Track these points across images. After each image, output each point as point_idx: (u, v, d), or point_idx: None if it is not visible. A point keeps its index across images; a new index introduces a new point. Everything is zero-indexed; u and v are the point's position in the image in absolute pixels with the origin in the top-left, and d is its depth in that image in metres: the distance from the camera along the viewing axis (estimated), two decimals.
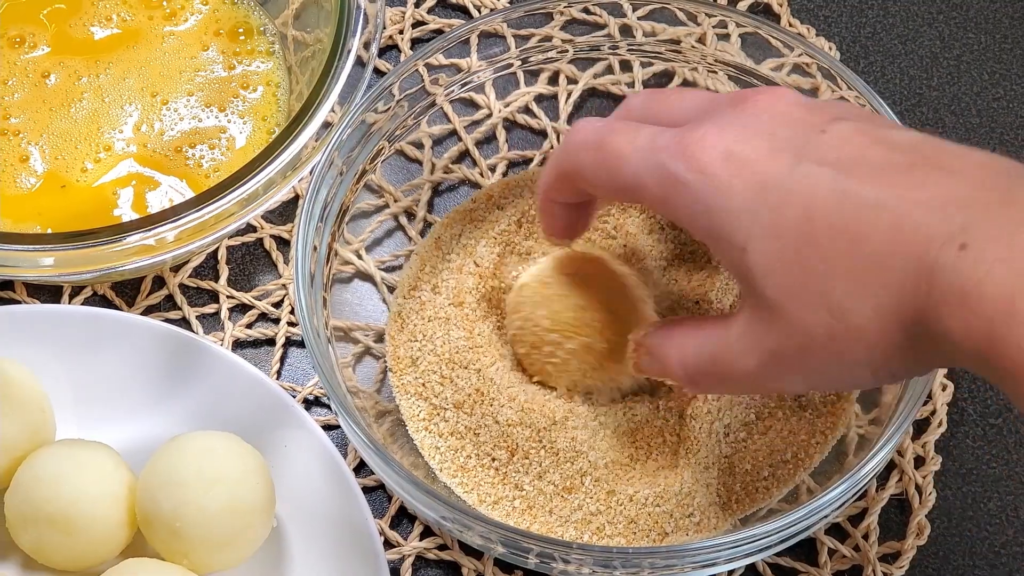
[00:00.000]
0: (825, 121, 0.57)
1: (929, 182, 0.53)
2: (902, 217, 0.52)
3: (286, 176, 0.70)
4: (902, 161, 0.54)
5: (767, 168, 0.56)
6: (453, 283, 0.72)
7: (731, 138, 0.57)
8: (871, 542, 0.70)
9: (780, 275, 0.55)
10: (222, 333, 0.75)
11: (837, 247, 0.53)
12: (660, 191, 0.58)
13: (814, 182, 0.54)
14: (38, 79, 0.78)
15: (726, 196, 0.56)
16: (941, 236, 0.51)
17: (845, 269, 0.53)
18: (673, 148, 0.58)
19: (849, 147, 0.55)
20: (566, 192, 0.65)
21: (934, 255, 0.51)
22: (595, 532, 0.67)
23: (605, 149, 0.61)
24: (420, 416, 0.70)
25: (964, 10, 0.85)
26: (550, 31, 0.77)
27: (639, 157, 0.59)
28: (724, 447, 0.68)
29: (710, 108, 0.60)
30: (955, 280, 0.50)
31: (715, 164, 0.56)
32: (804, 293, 0.54)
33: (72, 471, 0.65)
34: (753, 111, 0.58)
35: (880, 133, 0.56)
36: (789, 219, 0.54)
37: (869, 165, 0.54)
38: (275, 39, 0.80)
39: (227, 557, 0.65)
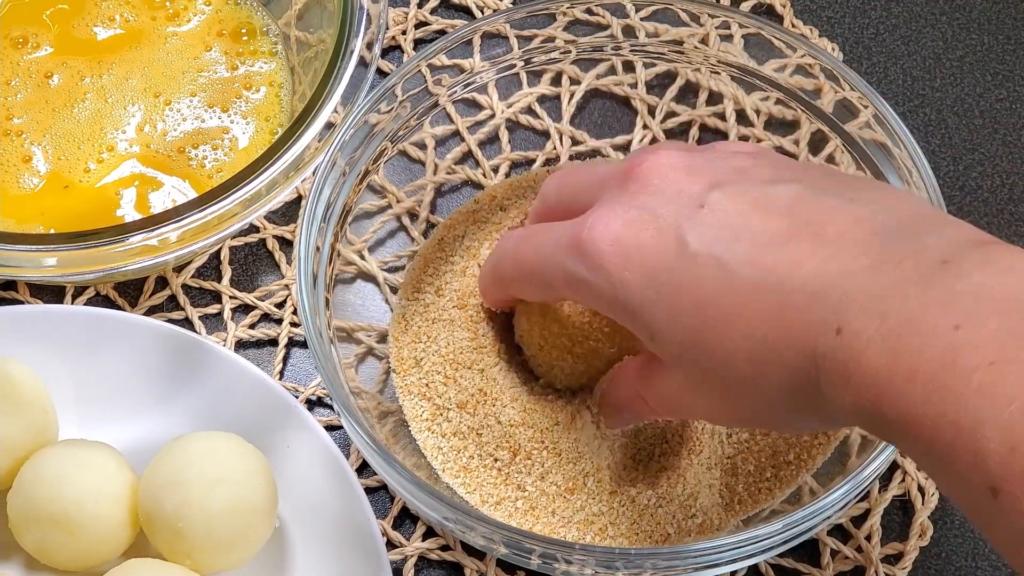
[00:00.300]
0: (702, 191, 0.58)
1: (805, 257, 0.54)
2: (783, 304, 0.54)
3: (289, 177, 0.70)
4: (780, 231, 0.56)
5: (655, 255, 0.58)
6: (456, 285, 0.72)
7: (617, 225, 0.59)
8: (873, 543, 0.70)
9: (687, 362, 0.58)
10: (225, 333, 0.75)
11: (732, 334, 0.55)
12: (570, 291, 0.62)
13: (700, 270, 0.57)
14: (41, 79, 0.78)
15: (624, 288, 0.59)
16: (818, 323, 0.52)
17: (743, 353, 0.55)
18: (570, 247, 0.61)
19: (727, 221, 0.57)
20: (501, 299, 0.70)
21: (815, 342, 0.53)
22: (598, 533, 0.66)
23: (520, 260, 0.65)
24: (423, 416, 0.70)
25: (967, 11, 0.85)
26: (553, 32, 0.77)
27: (547, 263, 0.63)
28: (727, 448, 0.68)
29: (602, 186, 0.63)
30: (835, 365, 0.52)
31: (607, 258, 0.59)
32: (714, 373, 0.57)
33: (75, 471, 0.65)
34: (635, 189, 0.60)
35: (758, 194, 0.57)
36: (684, 309, 0.57)
37: (748, 242, 0.56)
38: (278, 40, 0.80)
39: (229, 557, 0.65)
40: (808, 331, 0.53)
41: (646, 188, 0.60)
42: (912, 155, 0.69)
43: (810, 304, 0.53)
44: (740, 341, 0.55)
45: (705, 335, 0.56)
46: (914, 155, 0.68)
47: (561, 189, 0.67)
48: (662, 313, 0.58)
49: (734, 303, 0.55)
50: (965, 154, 0.80)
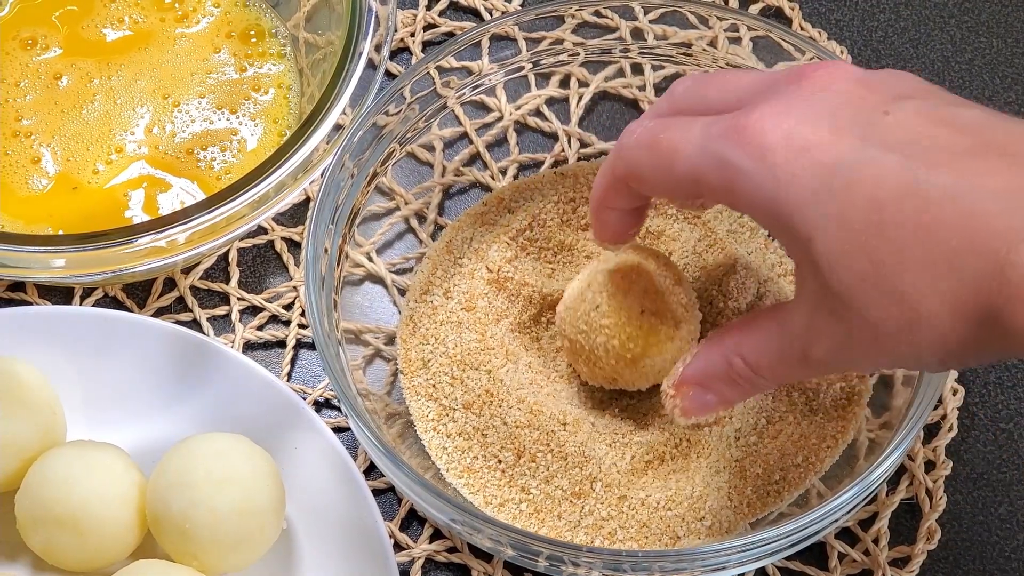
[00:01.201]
0: (887, 100, 0.55)
1: (1000, 170, 0.51)
2: (973, 209, 0.50)
3: (297, 178, 0.70)
4: (970, 145, 0.52)
5: (831, 152, 0.53)
6: (465, 287, 0.72)
7: (790, 120, 0.54)
8: (881, 546, 0.70)
9: (848, 267, 0.53)
10: (233, 335, 0.75)
11: (908, 239, 0.51)
12: (720, 182, 0.56)
13: (881, 169, 0.52)
14: (50, 81, 0.78)
15: (788, 183, 0.54)
16: (1012, 231, 0.49)
17: (916, 262, 0.51)
18: (729, 135, 0.55)
19: (914, 129, 0.53)
20: (622, 197, 0.63)
21: (1005, 251, 0.49)
22: (607, 537, 0.66)
23: (659, 146, 0.58)
24: (429, 417, 0.70)
25: (976, 14, 0.84)
26: (561, 34, 0.77)
27: (695, 149, 0.57)
28: (735, 451, 0.68)
29: (764, 88, 0.58)
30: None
31: (775, 149, 0.54)
32: (873, 286, 0.53)
33: (82, 472, 0.65)
34: (811, 89, 0.56)
35: (944, 112, 0.54)
36: (856, 208, 0.52)
37: (937, 149, 0.52)
38: (287, 41, 0.80)
39: (237, 559, 0.65)
40: (998, 239, 0.50)
41: (824, 91, 0.55)
42: None
43: (1004, 213, 0.50)
44: (918, 246, 0.51)
45: (876, 238, 0.52)
46: None
47: (696, 88, 0.61)
48: (830, 210, 0.53)
49: (916, 205, 0.51)
50: None
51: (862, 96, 0.55)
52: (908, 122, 0.53)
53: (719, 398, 0.61)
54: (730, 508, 0.67)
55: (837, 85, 0.56)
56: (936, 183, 0.51)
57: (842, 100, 0.55)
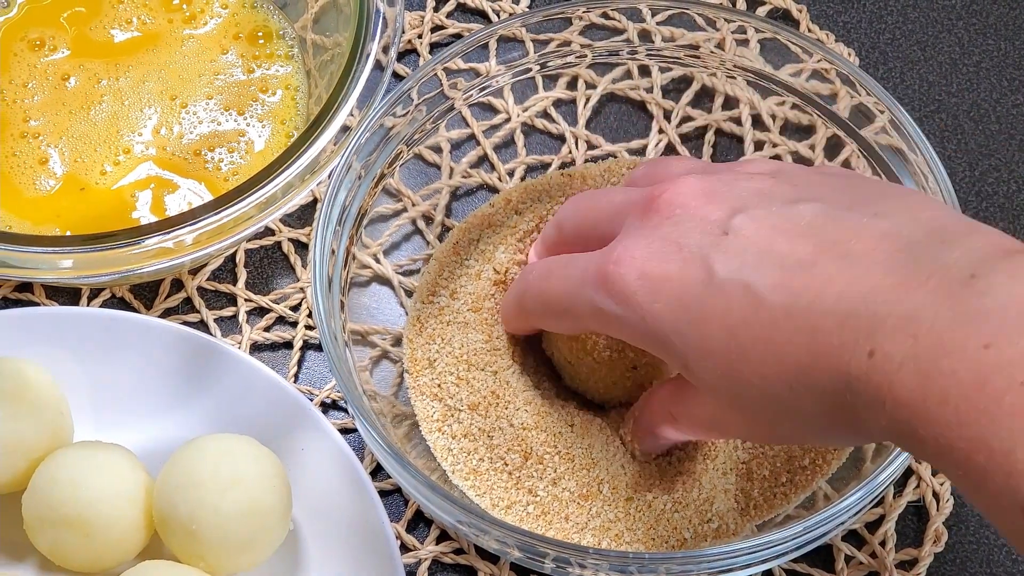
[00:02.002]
0: (725, 217, 0.58)
1: (833, 278, 0.54)
2: (815, 327, 0.53)
3: (304, 180, 0.70)
4: (804, 253, 0.55)
5: (682, 286, 0.58)
6: (471, 288, 0.72)
7: (642, 258, 0.59)
8: (888, 549, 0.70)
9: (723, 388, 0.58)
10: (240, 336, 0.75)
11: (764, 360, 0.55)
12: (598, 325, 0.62)
13: (728, 299, 0.56)
14: (58, 82, 0.78)
15: (655, 320, 0.58)
16: (850, 345, 0.52)
17: (777, 378, 0.55)
18: (596, 283, 0.60)
19: (752, 246, 0.57)
20: (525, 329, 0.70)
21: (847, 366, 0.52)
22: (614, 539, 0.66)
23: (545, 296, 0.65)
24: (434, 417, 0.70)
25: (984, 16, 0.84)
26: (569, 36, 0.77)
27: (573, 298, 0.62)
28: (742, 453, 0.68)
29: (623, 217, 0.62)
30: (869, 388, 0.51)
31: (635, 292, 0.59)
32: (750, 397, 0.57)
33: (89, 473, 0.65)
34: (657, 220, 0.60)
35: (781, 218, 0.57)
36: (715, 339, 0.57)
37: (775, 266, 0.55)
38: (294, 43, 0.80)
39: (243, 560, 0.65)
40: (841, 354, 0.52)
41: (668, 218, 0.60)
42: (928, 160, 0.68)
43: (841, 327, 0.52)
44: (773, 367, 0.55)
45: (738, 362, 0.56)
46: (930, 160, 0.68)
47: (578, 219, 0.67)
48: (694, 342, 0.57)
49: (764, 329, 0.55)
50: (981, 159, 0.80)
51: (704, 216, 0.59)
52: (747, 237, 0.57)
53: (668, 441, 0.68)
54: (737, 510, 0.67)
55: (680, 209, 0.60)
56: (777, 305, 0.55)
57: (685, 225, 0.59)
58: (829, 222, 0.56)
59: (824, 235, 0.56)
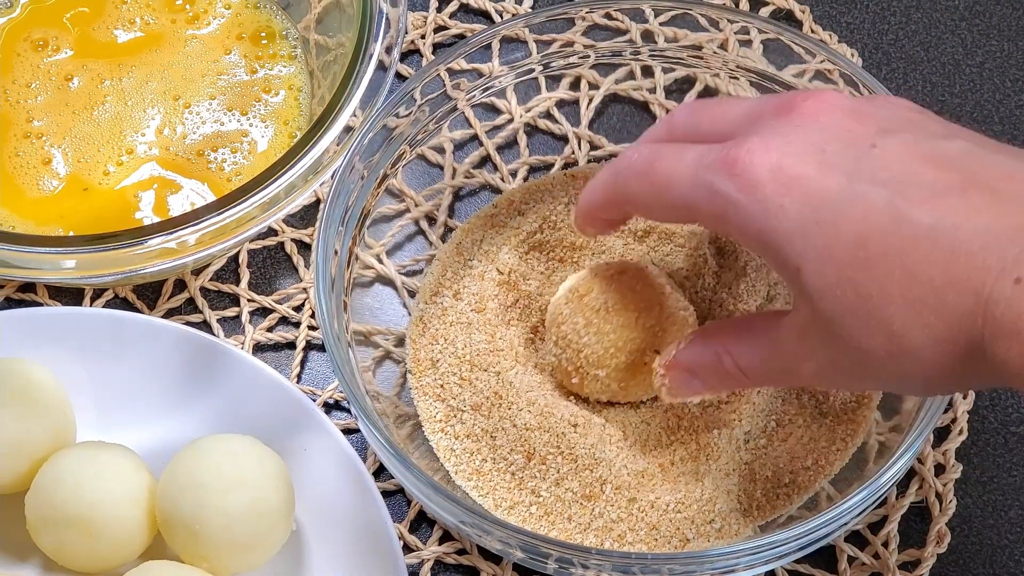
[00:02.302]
0: (874, 134, 0.56)
1: (982, 208, 0.52)
2: (957, 247, 0.52)
3: (307, 180, 0.70)
4: (955, 182, 0.53)
5: (818, 186, 0.55)
6: (475, 289, 0.72)
7: (779, 153, 0.56)
8: (891, 550, 0.70)
9: (835, 298, 0.54)
10: (243, 336, 0.75)
11: (892, 274, 0.53)
12: (712, 212, 0.58)
13: (867, 204, 0.54)
14: (61, 82, 0.78)
15: (777, 216, 0.55)
16: (996, 268, 0.51)
17: (900, 297, 0.53)
18: (720, 167, 0.57)
19: (900, 165, 0.54)
20: (613, 214, 0.66)
21: (989, 288, 0.51)
22: (616, 540, 0.66)
23: (653, 175, 0.60)
24: (437, 417, 0.70)
25: (987, 17, 0.84)
26: (572, 36, 0.77)
27: (687, 179, 0.58)
28: (745, 454, 0.68)
29: (756, 117, 0.59)
30: (1009, 314, 0.50)
31: (764, 182, 0.56)
32: (859, 317, 0.54)
33: (92, 473, 0.65)
34: (800, 122, 0.57)
35: (930, 147, 0.55)
36: (842, 242, 0.54)
37: (922, 186, 0.53)
38: (297, 43, 0.80)
39: (247, 560, 0.65)
40: (982, 276, 0.51)
41: (812, 123, 0.57)
42: None
43: (986, 250, 0.51)
44: (901, 282, 0.52)
45: (861, 273, 0.53)
46: None
47: (692, 117, 0.63)
48: (817, 243, 0.54)
49: (901, 242, 0.53)
50: None
51: (850, 129, 0.57)
52: (894, 157, 0.55)
53: (705, 386, 0.64)
54: (739, 511, 0.67)
55: (826, 116, 0.57)
56: (920, 221, 0.53)
57: (830, 133, 0.56)
58: (978, 160, 0.54)
59: (973, 171, 0.54)
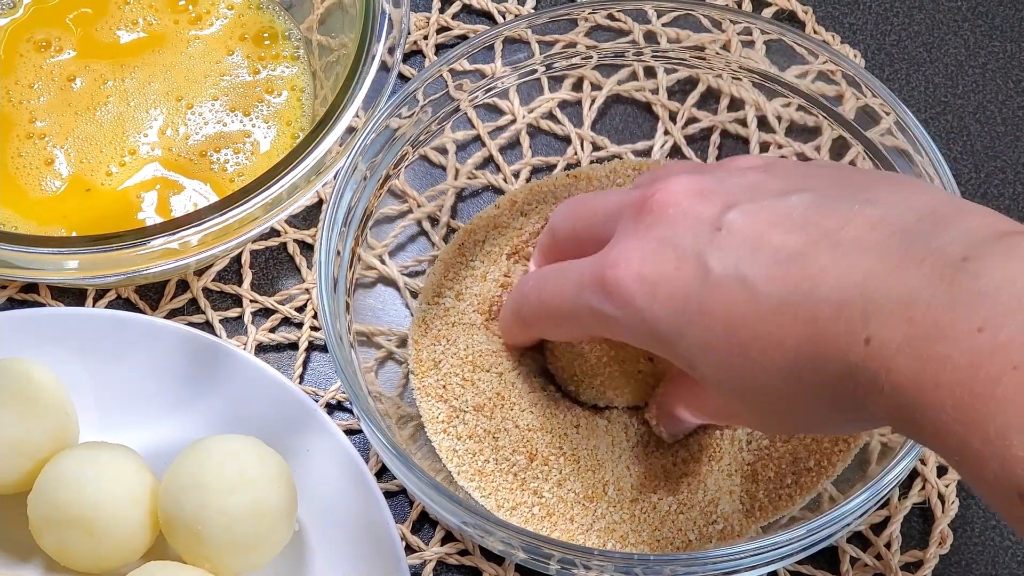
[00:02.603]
0: (718, 213, 0.58)
1: (828, 268, 0.53)
2: (812, 318, 0.53)
3: (310, 181, 0.70)
4: (798, 244, 0.55)
5: (679, 286, 0.58)
6: (477, 290, 0.72)
7: (638, 260, 0.59)
8: (893, 551, 0.70)
9: (728, 383, 0.58)
10: (245, 337, 0.75)
11: (765, 354, 0.55)
12: (599, 328, 0.62)
13: (725, 294, 0.56)
14: (64, 83, 0.78)
15: (654, 323, 0.59)
16: (847, 334, 0.52)
17: (778, 372, 0.55)
18: (594, 287, 0.61)
19: (745, 240, 0.56)
20: (526, 341, 0.70)
21: (845, 354, 0.52)
22: (619, 540, 0.66)
23: (544, 304, 0.65)
24: (439, 418, 0.70)
25: (990, 18, 0.84)
26: (574, 37, 0.77)
27: (572, 304, 0.62)
28: (747, 455, 0.68)
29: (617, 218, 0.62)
30: (867, 375, 0.51)
31: (633, 294, 0.59)
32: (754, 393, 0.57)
33: (94, 474, 0.65)
34: (651, 220, 0.60)
35: (773, 211, 0.57)
36: (715, 334, 0.57)
37: (769, 259, 0.55)
38: (300, 44, 0.80)
39: (249, 561, 0.65)
40: (839, 343, 0.52)
41: (662, 218, 0.60)
42: (933, 162, 0.68)
43: (838, 315, 0.52)
44: (774, 359, 0.55)
45: (739, 358, 0.56)
46: (935, 162, 0.68)
47: (572, 223, 0.67)
48: (694, 340, 0.57)
49: (763, 322, 0.55)
50: (987, 161, 0.80)
51: (697, 214, 0.59)
52: (740, 232, 0.57)
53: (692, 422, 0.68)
54: (742, 512, 0.67)
55: (672, 208, 0.60)
56: (773, 295, 0.55)
57: (680, 225, 0.59)
58: (820, 211, 0.56)
59: (816, 225, 0.55)
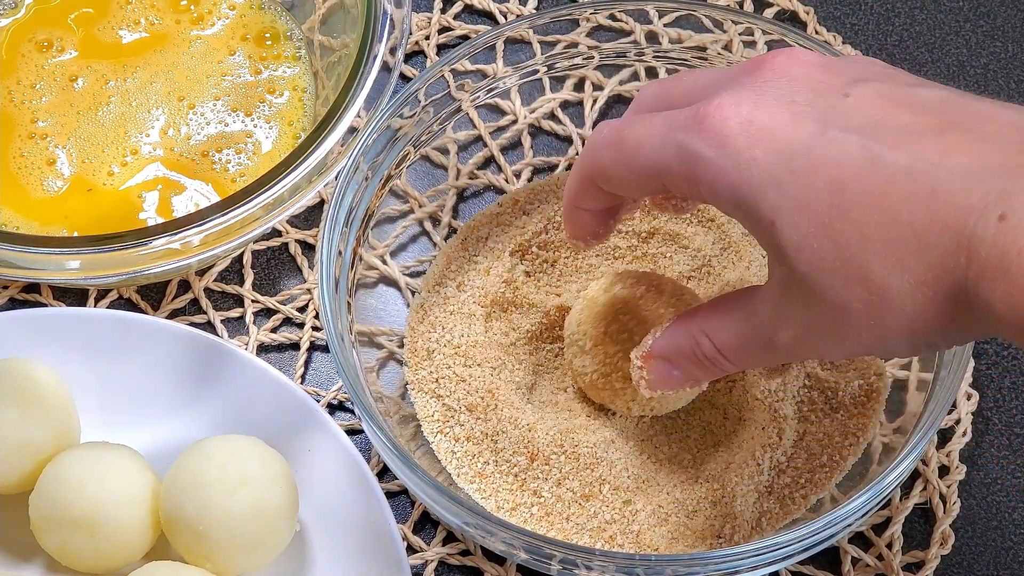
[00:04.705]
0: (846, 83, 0.55)
1: (961, 147, 0.51)
2: (937, 186, 0.50)
3: (311, 181, 0.70)
4: (931, 124, 0.52)
5: (790, 136, 0.53)
6: (479, 283, 0.72)
7: (749, 106, 0.54)
8: (895, 551, 0.70)
9: (812, 250, 0.53)
10: (247, 337, 0.75)
11: (871, 219, 0.51)
12: (683, 172, 0.56)
13: (842, 150, 0.52)
14: (66, 83, 0.78)
15: (749, 169, 0.54)
16: (978, 206, 0.49)
17: (880, 242, 0.51)
18: (690, 124, 0.55)
19: (874, 111, 0.53)
20: (591, 196, 0.63)
21: (972, 226, 0.49)
22: (607, 541, 0.66)
23: (623, 143, 0.59)
24: (434, 417, 0.70)
25: (991, 19, 0.84)
26: (576, 37, 0.77)
27: (657, 142, 0.57)
28: (765, 463, 0.68)
29: (725, 79, 0.58)
30: (995, 252, 0.48)
31: (734, 135, 0.54)
32: (838, 268, 0.52)
33: (96, 474, 0.65)
34: (770, 76, 0.56)
35: (904, 93, 0.54)
36: (818, 190, 0.52)
37: (898, 129, 0.52)
38: (302, 44, 0.80)
39: (250, 561, 0.65)
40: (963, 214, 0.49)
41: (783, 77, 0.55)
42: None
43: (968, 188, 0.49)
44: (881, 226, 0.51)
45: (838, 220, 0.52)
46: None
47: (662, 89, 0.61)
48: (792, 193, 0.52)
49: (878, 185, 0.51)
50: None
51: (821, 80, 0.55)
52: (868, 104, 0.53)
53: (684, 375, 0.62)
54: (752, 519, 0.67)
55: (796, 70, 0.56)
56: (897, 162, 0.51)
57: (801, 85, 0.55)
58: (956, 105, 0.53)
59: (952, 114, 0.52)
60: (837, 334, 0.54)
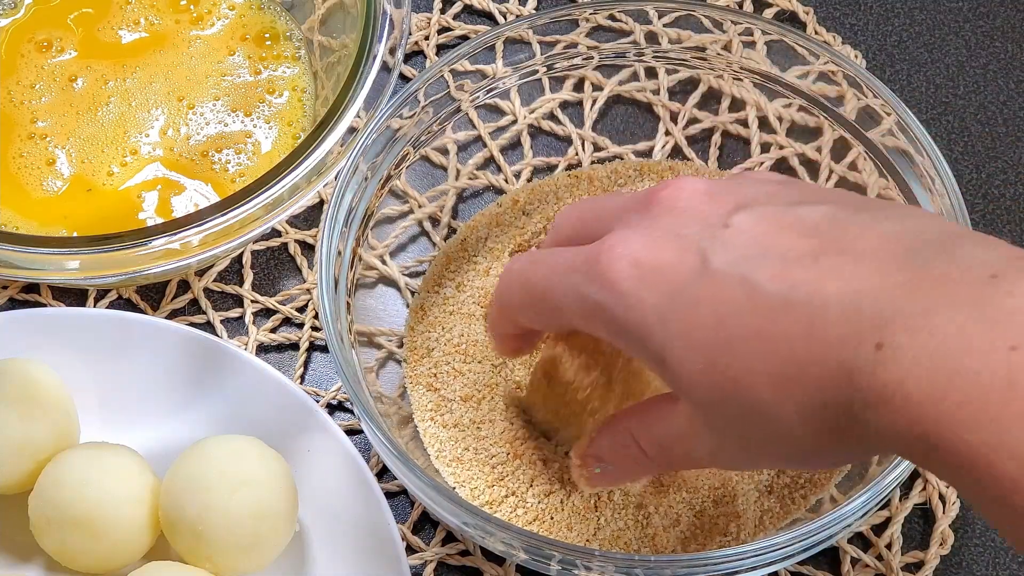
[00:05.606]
0: (728, 212, 0.56)
1: (839, 271, 0.51)
2: (814, 318, 0.50)
3: (311, 181, 0.70)
4: (807, 249, 0.52)
5: (674, 273, 0.54)
6: (479, 283, 0.72)
7: (637, 246, 0.56)
8: (894, 551, 0.70)
9: (703, 385, 0.54)
10: (246, 337, 0.75)
11: (755, 353, 0.52)
12: (581, 317, 0.58)
13: (721, 285, 0.53)
14: (65, 83, 0.78)
15: (638, 308, 0.55)
16: (855, 336, 0.49)
17: (766, 375, 0.52)
18: (585, 268, 0.57)
19: (753, 240, 0.54)
20: (509, 327, 0.65)
21: (850, 357, 0.49)
22: (588, 541, 0.66)
23: (530, 286, 0.61)
24: (428, 407, 0.70)
25: (991, 19, 0.84)
26: (576, 37, 0.77)
27: (558, 285, 0.59)
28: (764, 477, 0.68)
29: (622, 213, 0.59)
30: (875, 383, 0.48)
31: (624, 278, 0.55)
32: (730, 399, 0.53)
33: (96, 474, 0.65)
34: (658, 212, 0.57)
35: (786, 215, 0.54)
36: (702, 326, 0.53)
37: (778, 257, 0.53)
38: (301, 44, 0.80)
39: (250, 561, 0.65)
40: (842, 346, 0.49)
41: (669, 211, 0.57)
42: (935, 163, 0.68)
43: (844, 318, 0.49)
44: (763, 360, 0.51)
45: (723, 355, 0.52)
46: (937, 163, 0.68)
47: (576, 219, 0.63)
48: (677, 331, 0.54)
49: (758, 319, 0.52)
50: (988, 162, 0.80)
51: (704, 210, 0.56)
52: (748, 232, 0.54)
53: (621, 472, 0.63)
54: (755, 521, 0.67)
55: (682, 202, 0.57)
56: (774, 294, 0.52)
57: (687, 217, 0.56)
58: (835, 223, 0.53)
59: (828, 234, 0.53)
60: (746, 455, 0.56)
